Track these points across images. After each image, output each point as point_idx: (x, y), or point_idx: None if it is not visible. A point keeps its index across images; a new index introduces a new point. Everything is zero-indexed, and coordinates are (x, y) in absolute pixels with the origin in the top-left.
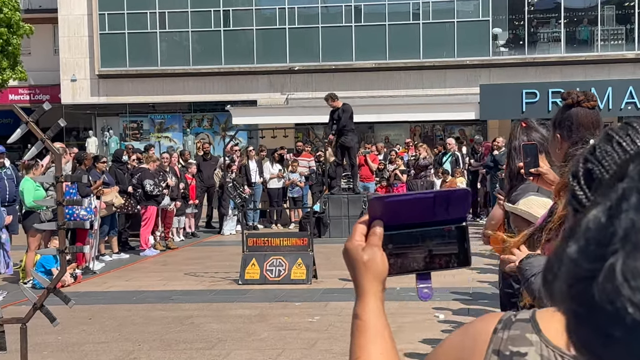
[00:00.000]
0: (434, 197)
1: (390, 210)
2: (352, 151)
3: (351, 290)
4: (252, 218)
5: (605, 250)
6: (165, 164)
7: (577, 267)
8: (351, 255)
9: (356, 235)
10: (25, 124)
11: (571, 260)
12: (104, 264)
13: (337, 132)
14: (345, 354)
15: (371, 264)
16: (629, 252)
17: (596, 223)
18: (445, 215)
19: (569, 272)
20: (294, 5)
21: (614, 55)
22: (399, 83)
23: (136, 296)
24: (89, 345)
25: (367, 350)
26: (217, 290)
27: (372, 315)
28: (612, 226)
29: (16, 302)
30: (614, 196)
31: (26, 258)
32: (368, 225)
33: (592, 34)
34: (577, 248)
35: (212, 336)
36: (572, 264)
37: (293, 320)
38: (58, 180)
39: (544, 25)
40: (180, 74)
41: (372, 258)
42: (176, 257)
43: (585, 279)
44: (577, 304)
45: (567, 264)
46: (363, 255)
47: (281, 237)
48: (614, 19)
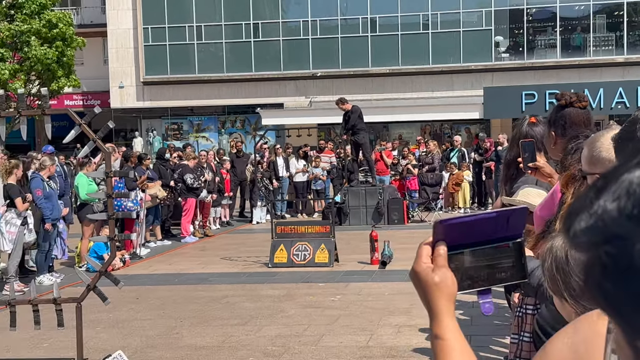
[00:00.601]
0: (496, 217)
1: (453, 232)
2: (364, 147)
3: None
4: (280, 208)
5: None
6: (202, 160)
7: (618, 226)
8: (422, 278)
9: (423, 258)
10: (78, 125)
11: (611, 217)
12: (149, 250)
13: (348, 132)
14: (364, 329)
15: (443, 285)
16: None
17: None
18: (504, 232)
19: (605, 228)
20: (316, 18)
21: (605, 60)
22: (410, 86)
23: (178, 278)
24: (137, 321)
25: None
26: (250, 273)
27: (454, 335)
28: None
29: (72, 284)
30: None
31: (81, 245)
32: (432, 246)
33: (585, 41)
34: (617, 207)
35: (245, 313)
36: (611, 221)
37: (317, 299)
38: (108, 176)
39: (541, 33)
40: (215, 81)
41: (443, 280)
42: (213, 244)
43: (622, 238)
44: (610, 259)
45: (604, 219)
46: (434, 277)
47: (306, 225)
48: (604, 27)
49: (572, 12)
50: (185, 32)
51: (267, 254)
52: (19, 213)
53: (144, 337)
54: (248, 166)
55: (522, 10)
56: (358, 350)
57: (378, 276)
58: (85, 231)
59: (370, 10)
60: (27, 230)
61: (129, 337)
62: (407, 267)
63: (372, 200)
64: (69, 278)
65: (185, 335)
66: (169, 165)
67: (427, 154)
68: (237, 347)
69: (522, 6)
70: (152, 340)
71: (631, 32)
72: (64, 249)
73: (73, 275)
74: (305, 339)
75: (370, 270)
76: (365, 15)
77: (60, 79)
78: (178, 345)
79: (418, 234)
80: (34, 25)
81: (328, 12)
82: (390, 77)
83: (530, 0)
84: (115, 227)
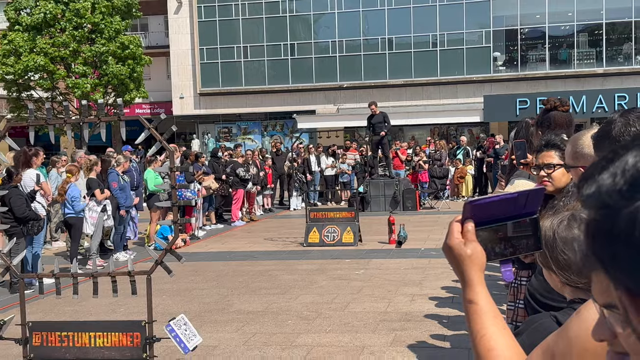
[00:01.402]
0: (517, 197)
1: (479, 211)
2: (385, 146)
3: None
4: (313, 197)
5: (638, 194)
6: (249, 158)
7: (609, 197)
8: (455, 251)
9: (454, 234)
10: (147, 129)
11: (606, 189)
12: (205, 232)
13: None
14: (383, 297)
15: (475, 257)
16: None
17: (636, 167)
18: (522, 210)
19: (600, 198)
20: (342, 39)
21: (587, 72)
22: (421, 95)
23: (229, 255)
24: (195, 290)
25: (490, 328)
26: (288, 251)
27: (486, 300)
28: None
29: (143, 260)
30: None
31: (149, 228)
32: (462, 223)
33: (569, 55)
34: (612, 182)
35: (285, 284)
36: (605, 192)
37: (344, 272)
38: (171, 171)
39: (532, 49)
40: (258, 92)
41: (474, 252)
42: (257, 227)
43: (609, 207)
44: (601, 223)
45: (602, 189)
46: (466, 250)
47: (334, 211)
48: (586, 44)
49: (559, 31)
50: (234, 51)
51: (302, 235)
52: (99, 202)
53: (201, 304)
54: (286, 162)
55: (516, 30)
56: (378, 315)
57: (395, 254)
58: (153, 216)
59: (388, 32)
60: (105, 216)
61: (189, 303)
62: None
63: (389, 191)
64: (140, 255)
65: (235, 302)
66: (221, 162)
67: (435, 151)
68: (277, 312)
69: (516, 27)
70: (208, 306)
71: (609, 48)
72: (135, 231)
73: (143, 252)
74: (334, 305)
75: (388, 249)
76: (383, 35)
77: (132, 91)
78: (229, 311)
79: (428, 219)
80: (111, 47)
81: (352, 34)
82: (404, 88)
83: (523, 22)
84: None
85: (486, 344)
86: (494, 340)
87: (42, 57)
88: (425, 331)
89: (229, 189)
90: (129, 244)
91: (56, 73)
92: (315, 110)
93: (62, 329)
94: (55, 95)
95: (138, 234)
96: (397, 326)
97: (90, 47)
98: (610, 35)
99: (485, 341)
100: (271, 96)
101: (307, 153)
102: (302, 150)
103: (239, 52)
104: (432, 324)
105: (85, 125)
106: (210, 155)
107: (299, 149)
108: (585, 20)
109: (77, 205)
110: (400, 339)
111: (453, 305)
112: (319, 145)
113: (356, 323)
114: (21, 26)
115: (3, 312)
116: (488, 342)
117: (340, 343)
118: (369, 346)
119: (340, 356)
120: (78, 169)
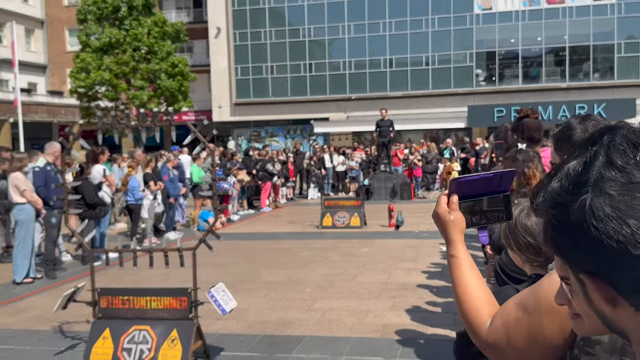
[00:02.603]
0: (492, 177)
1: (462, 187)
2: (388, 148)
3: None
4: (327, 189)
5: (580, 190)
6: (274, 156)
7: (560, 197)
8: (441, 217)
9: (442, 204)
10: (193, 133)
11: (555, 192)
12: (239, 216)
13: (380, 136)
14: (384, 271)
15: (456, 221)
16: (595, 193)
17: (575, 171)
18: (497, 188)
19: (552, 199)
20: (352, 59)
21: (553, 86)
22: (416, 105)
23: (258, 235)
24: (231, 264)
25: (467, 277)
26: (306, 232)
27: (464, 255)
28: (586, 174)
29: (188, 238)
30: (588, 154)
31: (194, 213)
32: (448, 197)
33: (539, 73)
34: (559, 185)
35: (303, 260)
36: (555, 194)
37: (352, 250)
38: (212, 166)
39: (508, 67)
40: (282, 102)
41: (456, 218)
42: (281, 212)
43: (563, 205)
44: (556, 220)
45: (552, 194)
46: (450, 216)
47: (344, 200)
48: (553, 63)
49: (530, 52)
50: (262, 69)
51: (318, 219)
52: (152, 192)
53: (235, 275)
54: (305, 160)
55: (495, 52)
56: (381, 285)
57: (394, 235)
58: (197, 203)
59: (389, 53)
60: (156, 203)
61: (226, 274)
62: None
63: (389, 183)
64: (187, 234)
65: (263, 274)
66: (252, 159)
67: (427, 152)
68: (297, 282)
69: (494, 49)
70: (241, 277)
71: (571, 66)
72: (183, 215)
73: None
74: (344, 277)
75: (388, 231)
76: (385, 56)
77: (180, 101)
78: (258, 281)
79: (421, 207)
80: (163, 65)
81: (359, 55)
82: (402, 99)
83: (500, 45)
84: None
85: (463, 288)
86: (470, 286)
87: (108, 73)
88: (419, 298)
89: (258, 182)
90: (178, 225)
91: (119, 86)
92: (329, 118)
93: (124, 294)
94: (118, 104)
95: (185, 217)
96: (396, 294)
97: (146, 65)
98: (572, 56)
99: (463, 286)
100: (293, 106)
101: (322, 152)
102: (318, 150)
103: (266, 69)
104: (424, 292)
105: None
106: (244, 154)
107: (315, 149)
108: (552, 44)
109: (136, 194)
110: (398, 304)
111: (441, 277)
112: (332, 146)
113: (362, 291)
114: (90, 48)
115: (77, 281)
116: (465, 286)
117: (349, 307)
118: (373, 310)
119: (349, 318)
120: (137, 164)
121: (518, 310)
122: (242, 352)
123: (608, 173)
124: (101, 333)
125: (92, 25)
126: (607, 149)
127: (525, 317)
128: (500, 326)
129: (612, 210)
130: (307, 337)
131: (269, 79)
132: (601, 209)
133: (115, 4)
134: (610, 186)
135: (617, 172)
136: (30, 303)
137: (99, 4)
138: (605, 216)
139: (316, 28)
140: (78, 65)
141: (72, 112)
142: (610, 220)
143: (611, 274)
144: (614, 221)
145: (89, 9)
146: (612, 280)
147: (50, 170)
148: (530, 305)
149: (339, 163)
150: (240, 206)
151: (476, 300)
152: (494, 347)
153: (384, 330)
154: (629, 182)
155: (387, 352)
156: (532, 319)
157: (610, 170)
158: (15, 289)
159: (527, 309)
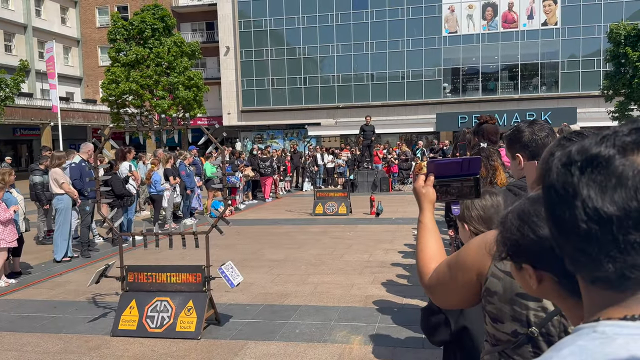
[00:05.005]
0: (462, 161)
1: (438, 168)
2: (370, 148)
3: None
4: (318, 182)
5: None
6: (274, 155)
7: (513, 235)
8: (417, 191)
9: (419, 181)
10: (206, 135)
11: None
12: (245, 206)
13: (369, 138)
14: (366, 251)
15: (427, 195)
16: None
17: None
18: (467, 171)
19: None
20: (340, 73)
21: (507, 97)
22: (393, 113)
23: (261, 221)
24: (239, 245)
25: (428, 239)
26: (302, 219)
27: (430, 222)
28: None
29: (203, 224)
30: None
31: (207, 202)
32: (425, 176)
33: (496, 86)
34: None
35: (299, 242)
36: (510, 235)
37: (340, 234)
38: (222, 163)
39: (470, 81)
40: (281, 110)
41: (428, 192)
42: (281, 202)
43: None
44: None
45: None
46: (422, 190)
47: (333, 192)
48: (507, 77)
49: (488, 69)
50: (264, 82)
51: (311, 208)
52: (172, 185)
53: (242, 254)
54: (300, 158)
55: (459, 68)
56: (363, 262)
57: (374, 221)
58: (209, 195)
59: (371, 68)
60: (175, 194)
61: (234, 254)
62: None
63: (371, 178)
64: (201, 221)
65: (266, 253)
66: (256, 158)
67: (402, 152)
68: (294, 260)
69: (459, 66)
70: (247, 256)
71: (523, 81)
72: (200, 203)
73: (203, 219)
74: (333, 256)
75: (370, 218)
76: (368, 71)
77: (195, 109)
78: (262, 259)
79: (398, 198)
80: (181, 79)
81: (346, 70)
82: (382, 107)
83: (464, 63)
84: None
85: (421, 247)
86: (426, 245)
87: (134, 84)
88: (395, 274)
89: (261, 176)
90: (196, 212)
91: (144, 96)
92: (320, 123)
93: (148, 270)
94: (143, 111)
95: (202, 206)
96: (376, 270)
97: (166, 78)
98: (524, 72)
99: (421, 245)
100: (290, 113)
101: (314, 152)
102: (311, 150)
103: (268, 82)
104: (399, 269)
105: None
106: (249, 153)
107: (309, 149)
108: (507, 62)
109: (158, 186)
110: (378, 279)
111: (414, 256)
112: (323, 146)
113: (348, 268)
114: (119, 63)
115: (108, 259)
116: (423, 245)
117: (337, 281)
118: (357, 284)
119: (337, 290)
120: (159, 161)
121: (446, 266)
122: (248, 319)
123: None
124: (128, 303)
125: (121, 44)
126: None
127: (448, 271)
128: (435, 276)
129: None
130: (302, 306)
131: (270, 90)
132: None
133: (141, 26)
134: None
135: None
136: (68, 278)
137: (127, 26)
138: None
139: (310, 47)
140: (109, 78)
141: (103, 117)
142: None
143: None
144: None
145: (118, 30)
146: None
147: (84, 166)
148: (452, 262)
149: (329, 161)
150: (246, 197)
151: (428, 257)
152: (431, 290)
153: (366, 301)
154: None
155: (369, 319)
156: (451, 273)
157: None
158: (55, 266)
159: (450, 265)
